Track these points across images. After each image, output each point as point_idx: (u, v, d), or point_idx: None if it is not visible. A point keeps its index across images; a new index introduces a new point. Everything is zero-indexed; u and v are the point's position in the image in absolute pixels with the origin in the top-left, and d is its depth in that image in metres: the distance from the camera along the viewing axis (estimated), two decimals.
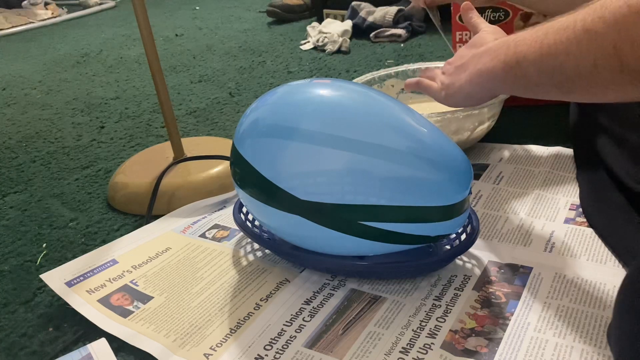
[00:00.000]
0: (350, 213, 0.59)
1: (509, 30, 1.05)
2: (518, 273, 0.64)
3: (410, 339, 0.56)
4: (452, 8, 1.06)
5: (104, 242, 0.82)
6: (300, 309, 0.62)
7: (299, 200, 0.59)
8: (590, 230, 0.69)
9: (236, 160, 0.64)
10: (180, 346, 0.59)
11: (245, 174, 0.63)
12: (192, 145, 0.99)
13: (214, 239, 0.77)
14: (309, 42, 1.77)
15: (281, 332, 0.59)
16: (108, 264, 0.73)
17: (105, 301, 0.67)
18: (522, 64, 0.55)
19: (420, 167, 0.58)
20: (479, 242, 0.68)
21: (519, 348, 0.54)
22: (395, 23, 1.75)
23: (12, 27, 2.61)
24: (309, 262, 0.68)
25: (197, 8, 2.67)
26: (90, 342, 0.61)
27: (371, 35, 1.73)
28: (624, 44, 0.44)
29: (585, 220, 0.71)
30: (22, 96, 1.61)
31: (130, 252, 0.76)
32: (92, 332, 0.63)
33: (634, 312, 0.42)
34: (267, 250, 0.73)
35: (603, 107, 0.73)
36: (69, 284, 0.70)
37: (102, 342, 0.60)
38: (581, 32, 0.48)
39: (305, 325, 0.60)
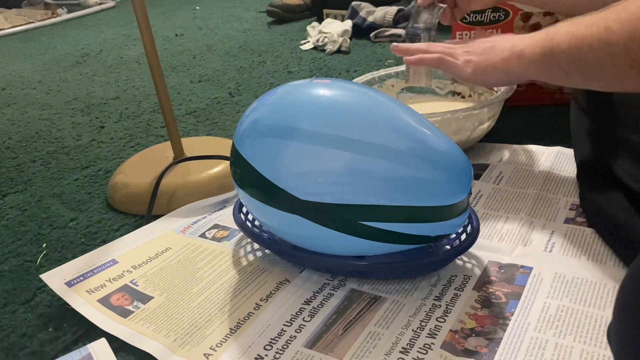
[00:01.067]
0: (350, 213, 0.59)
1: (509, 30, 1.05)
2: (518, 273, 0.64)
3: (410, 339, 0.56)
4: None
5: (104, 242, 0.82)
6: (300, 309, 0.62)
7: (299, 200, 0.59)
8: (591, 230, 0.69)
9: (236, 160, 0.64)
10: (180, 346, 0.59)
11: (245, 174, 0.63)
12: (192, 145, 0.99)
13: (214, 239, 0.77)
14: (309, 42, 1.77)
15: (281, 332, 0.59)
16: (108, 264, 0.73)
17: (105, 301, 0.67)
18: (555, 51, 0.62)
19: (420, 167, 0.58)
20: (479, 242, 0.68)
21: (519, 348, 0.54)
22: (395, 23, 1.75)
23: (12, 27, 2.61)
24: (309, 262, 0.68)
25: (197, 8, 2.67)
26: (90, 342, 0.61)
27: (371, 35, 1.73)
28: (633, 43, 0.50)
29: (585, 220, 0.71)
30: (22, 96, 1.61)
31: (130, 252, 0.76)
32: (92, 332, 0.63)
33: (634, 311, 0.42)
34: (267, 250, 0.73)
35: (603, 107, 0.73)
36: (69, 284, 0.70)
37: (102, 342, 0.60)
38: (603, 29, 0.54)
39: (305, 325, 0.60)
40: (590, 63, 0.57)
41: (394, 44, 0.85)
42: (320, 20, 1.96)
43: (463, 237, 0.66)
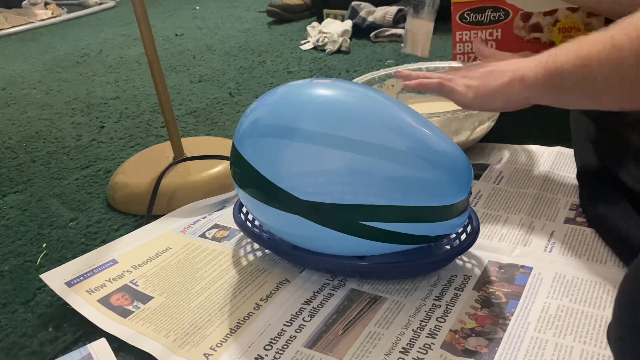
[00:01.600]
0: (350, 213, 0.59)
1: (509, 30, 1.05)
2: (518, 273, 0.64)
3: (410, 339, 0.56)
4: (452, 8, 1.06)
5: (104, 242, 0.82)
6: (300, 309, 0.62)
7: (298, 200, 0.59)
8: (591, 230, 0.69)
9: (236, 160, 0.64)
10: (180, 346, 0.59)
11: (245, 174, 0.63)
12: (192, 145, 0.99)
13: (214, 239, 0.77)
14: (309, 42, 1.77)
15: (281, 332, 0.59)
16: (108, 264, 0.73)
17: (105, 301, 0.67)
18: (560, 73, 0.60)
19: (420, 167, 0.58)
20: (479, 242, 0.68)
21: (519, 348, 0.54)
22: (396, 23, 1.75)
23: (12, 27, 2.61)
24: (309, 262, 0.68)
25: (197, 8, 2.67)
26: (90, 342, 0.61)
27: (371, 35, 1.73)
28: None
29: (585, 220, 0.71)
30: (22, 96, 1.61)
31: (130, 252, 0.76)
32: (92, 332, 0.63)
33: (633, 311, 0.42)
34: (267, 250, 0.73)
35: None
36: (69, 284, 0.70)
37: (102, 342, 0.60)
38: (610, 46, 0.53)
39: (305, 325, 0.60)
40: (599, 83, 0.55)
41: (399, 69, 0.85)
42: (320, 20, 1.96)
43: (463, 237, 0.66)
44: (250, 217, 0.74)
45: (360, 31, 1.78)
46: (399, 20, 1.75)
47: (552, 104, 0.66)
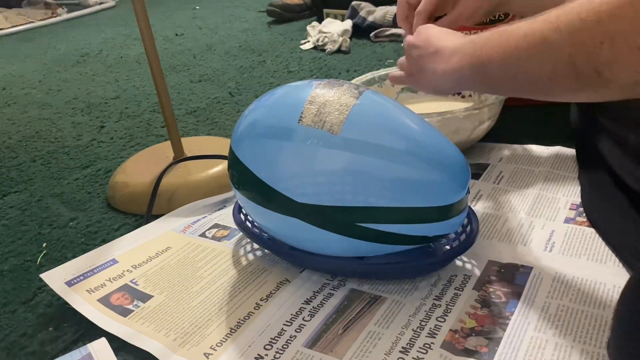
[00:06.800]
0: (348, 215, 0.58)
1: None
2: (518, 273, 0.64)
3: (410, 338, 0.56)
4: None
5: (104, 241, 0.82)
6: (300, 309, 0.62)
7: (295, 202, 0.59)
8: (591, 230, 0.69)
9: (233, 162, 0.64)
10: (181, 345, 0.59)
11: (242, 177, 0.63)
12: (192, 144, 0.99)
13: (214, 238, 0.77)
14: (309, 41, 1.77)
15: (281, 332, 0.59)
16: (108, 264, 0.73)
17: (105, 300, 0.67)
18: (487, 67, 0.56)
19: (418, 167, 0.58)
20: (479, 242, 0.68)
21: (519, 348, 0.54)
22: (396, 23, 1.75)
23: (12, 26, 2.61)
24: (308, 262, 0.68)
25: (197, 8, 2.67)
26: (90, 341, 0.61)
27: (371, 34, 1.73)
28: (579, 55, 0.45)
29: (585, 220, 0.71)
30: (22, 96, 1.61)
31: (130, 251, 0.76)
32: (92, 331, 0.63)
33: (634, 326, 0.41)
34: (267, 250, 0.73)
35: (604, 107, 0.73)
36: (69, 283, 0.70)
37: (102, 342, 0.60)
38: (540, 41, 0.49)
39: (305, 325, 0.60)
40: (530, 77, 0.51)
41: (392, 73, 0.81)
42: (320, 20, 1.96)
43: (463, 237, 0.66)
44: (250, 217, 0.74)
45: (360, 31, 1.78)
46: None
47: (485, 92, 0.67)
